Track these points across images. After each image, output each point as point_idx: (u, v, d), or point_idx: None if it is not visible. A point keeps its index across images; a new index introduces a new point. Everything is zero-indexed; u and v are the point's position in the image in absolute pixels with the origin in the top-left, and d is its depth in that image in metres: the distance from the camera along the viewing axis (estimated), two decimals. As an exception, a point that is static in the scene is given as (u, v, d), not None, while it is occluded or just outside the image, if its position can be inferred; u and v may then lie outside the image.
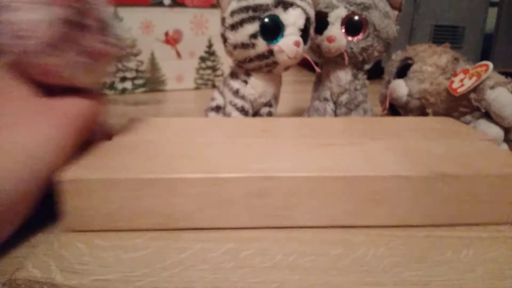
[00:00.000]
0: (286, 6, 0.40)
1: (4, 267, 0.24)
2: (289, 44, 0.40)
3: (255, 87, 0.44)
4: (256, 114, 0.46)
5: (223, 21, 0.41)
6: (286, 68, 0.44)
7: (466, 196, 0.28)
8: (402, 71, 0.51)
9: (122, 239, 0.26)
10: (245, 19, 0.39)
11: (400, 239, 0.27)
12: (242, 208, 0.28)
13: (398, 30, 0.47)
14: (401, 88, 0.50)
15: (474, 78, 0.41)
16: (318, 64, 0.48)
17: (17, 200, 0.24)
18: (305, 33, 0.41)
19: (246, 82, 0.44)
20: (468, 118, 0.43)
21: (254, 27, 0.39)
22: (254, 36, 0.40)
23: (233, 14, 0.40)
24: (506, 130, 0.41)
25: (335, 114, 0.49)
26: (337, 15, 0.45)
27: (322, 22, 0.45)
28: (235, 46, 0.41)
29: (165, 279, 0.23)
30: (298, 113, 0.61)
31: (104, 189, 0.26)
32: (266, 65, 0.42)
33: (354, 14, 0.44)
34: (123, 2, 0.73)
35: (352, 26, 0.45)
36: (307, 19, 0.41)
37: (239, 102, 0.44)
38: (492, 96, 0.40)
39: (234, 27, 0.40)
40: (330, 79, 0.48)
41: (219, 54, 0.85)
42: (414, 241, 0.27)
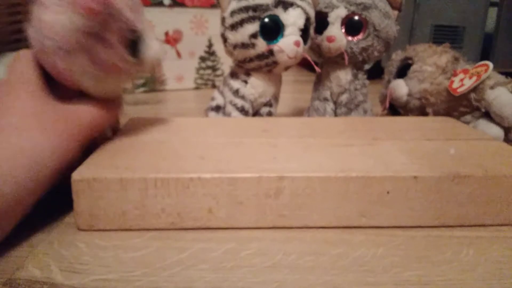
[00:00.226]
0: (286, 6, 0.39)
1: (4, 267, 0.24)
2: (289, 44, 0.40)
3: (255, 87, 0.44)
4: (256, 114, 0.46)
5: (223, 21, 0.41)
6: (286, 68, 0.44)
7: (479, 196, 0.28)
8: (402, 71, 0.51)
9: (122, 239, 0.26)
10: (245, 19, 0.39)
11: (400, 239, 0.27)
12: (253, 208, 0.28)
13: (398, 30, 0.47)
14: (401, 88, 0.50)
15: (474, 78, 0.41)
16: (318, 64, 0.48)
17: (13, 203, 0.24)
18: (305, 33, 0.41)
19: (246, 82, 0.44)
20: (468, 118, 0.43)
21: (254, 27, 0.39)
22: (254, 36, 0.40)
23: (233, 14, 0.40)
24: (506, 130, 0.41)
25: (335, 114, 0.49)
26: (337, 15, 0.45)
27: (322, 22, 0.45)
28: (235, 46, 0.41)
29: (165, 279, 0.23)
30: (298, 113, 0.61)
31: (117, 188, 0.26)
32: (266, 65, 0.42)
33: (354, 14, 0.44)
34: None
35: (352, 26, 0.45)
36: (307, 19, 0.41)
37: (239, 102, 0.44)
38: (492, 96, 0.40)
39: (234, 27, 0.40)
40: (330, 79, 0.48)
41: (219, 54, 0.85)
42: (414, 241, 0.27)
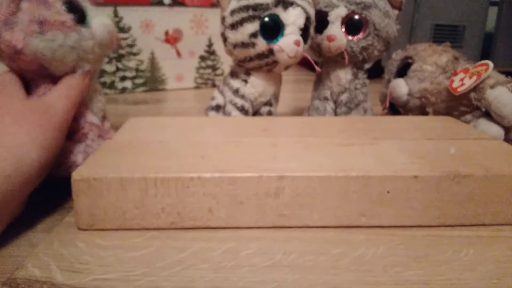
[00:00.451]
0: (286, 5, 0.39)
1: (4, 266, 0.24)
2: (289, 43, 0.40)
3: (255, 86, 0.44)
4: (256, 113, 0.46)
5: (223, 20, 0.41)
6: (286, 67, 0.43)
7: (479, 196, 0.28)
8: (402, 70, 0.51)
9: (122, 239, 0.26)
10: (245, 18, 0.39)
11: (400, 239, 0.27)
12: (253, 207, 0.28)
13: (398, 29, 0.46)
14: (401, 87, 0.50)
15: (474, 78, 0.41)
16: (318, 63, 0.48)
17: (4, 199, 0.24)
18: (305, 32, 0.41)
19: (246, 81, 0.44)
20: (468, 117, 0.43)
21: (254, 26, 0.39)
22: (254, 35, 0.40)
23: (233, 13, 0.40)
24: (506, 130, 0.40)
25: (335, 113, 0.49)
26: (337, 14, 0.44)
27: (322, 21, 0.45)
28: (235, 45, 0.41)
29: (165, 279, 0.23)
30: (298, 112, 0.61)
31: (117, 188, 0.26)
32: (266, 64, 0.42)
33: (354, 13, 0.44)
34: (123, 1, 0.73)
35: (352, 25, 0.45)
36: (307, 18, 0.41)
37: (239, 101, 0.43)
38: (492, 95, 0.40)
39: (234, 26, 0.40)
40: (330, 78, 0.48)
41: (219, 53, 0.85)
42: (414, 240, 0.27)
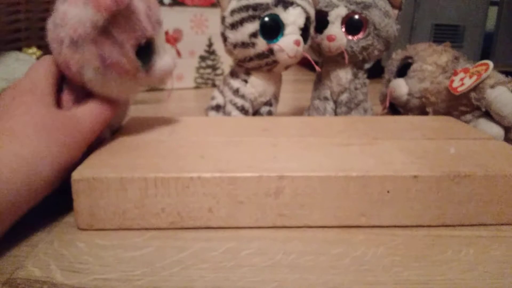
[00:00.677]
0: (286, 5, 0.39)
1: (4, 266, 0.24)
2: (289, 43, 0.40)
3: (255, 86, 0.44)
4: (256, 113, 0.46)
5: (223, 20, 0.41)
6: (286, 67, 0.43)
7: (479, 196, 0.28)
8: (402, 70, 0.51)
9: (122, 238, 0.26)
10: (245, 18, 0.39)
11: (400, 239, 0.27)
12: (253, 207, 0.28)
13: (398, 29, 0.46)
14: (401, 87, 0.50)
15: (475, 77, 0.41)
16: (318, 63, 0.48)
17: (8, 209, 0.24)
18: (305, 32, 0.41)
19: (246, 81, 0.44)
20: (468, 117, 0.43)
21: (254, 26, 0.39)
22: (254, 35, 0.40)
23: (233, 13, 0.40)
24: (506, 129, 0.40)
25: (335, 113, 0.49)
26: (337, 14, 0.44)
27: (322, 21, 0.45)
28: (235, 45, 0.41)
29: (165, 278, 0.23)
30: (298, 112, 0.61)
31: (117, 188, 0.26)
32: (266, 64, 0.42)
33: (354, 13, 0.44)
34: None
35: (352, 25, 0.45)
36: (307, 18, 0.41)
37: (239, 101, 0.43)
38: (492, 95, 0.40)
39: (234, 26, 0.40)
40: (330, 78, 0.48)
41: (219, 53, 0.85)
42: (414, 240, 0.27)
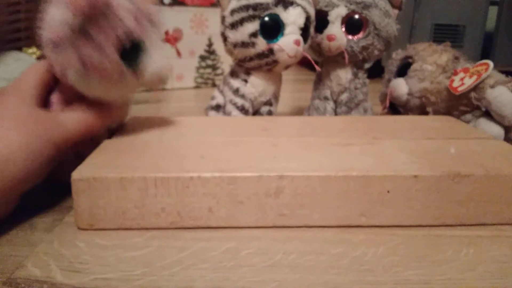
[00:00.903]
0: (286, 5, 0.39)
1: (4, 266, 0.24)
2: (289, 43, 0.40)
3: (255, 86, 0.44)
4: (256, 113, 0.46)
5: (223, 20, 0.41)
6: (286, 67, 0.43)
7: (479, 196, 0.28)
8: (403, 70, 0.51)
9: (122, 238, 0.26)
10: (245, 18, 0.39)
11: (400, 238, 0.27)
12: (253, 207, 0.27)
13: (398, 29, 0.46)
14: (401, 87, 0.50)
15: (475, 77, 0.41)
16: (318, 63, 0.48)
17: None
18: (305, 32, 0.41)
19: (246, 81, 0.44)
20: (468, 117, 0.43)
21: (254, 26, 0.39)
22: (254, 35, 0.40)
23: (233, 13, 0.40)
24: (506, 129, 0.40)
25: (335, 113, 0.49)
26: (337, 14, 0.44)
27: (322, 20, 0.45)
28: (235, 45, 0.41)
29: (165, 278, 0.23)
30: (298, 112, 0.61)
31: (117, 187, 0.26)
32: (266, 64, 0.42)
33: (354, 13, 0.44)
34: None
35: (352, 25, 0.45)
36: (307, 18, 0.41)
37: (239, 101, 0.43)
38: (492, 95, 0.40)
39: (234, 26, 0.40)
40: (330, 78, 0.48)
41: (219, 53, 0.85)
42: (414, 240, 0.27)
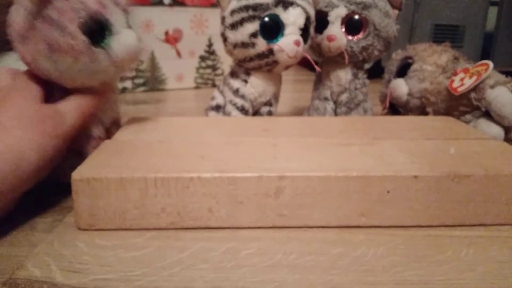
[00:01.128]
0: (286, 5, 0.39)
1: (4, 267, 0.24)
2: (289, 43, 0.40)
3: (255, 86, 0.44)
4: (256, 113, 0.46)
5: (223, 20, 0.41)
6: (286, 67, 0.43)
7: (479, 196, 0.28)
8: (402, 70, 0.51)
9: (122, 238, 0.26)
10: (245, 18, 0.39)
11: (400, 239, 0.27)
12: (253, 207, 0.27)
13: (398, 29, 0.46)
14: (401, 87, 0.50)
15: (474, 77, 0.41)
16: (318, 63, 0.48)
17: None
18: (305, 32, 0.41)
19: (246, 81, 0.44)
20: (468, 117, 0.43)
21: (254, 26, 0.39)
22: (254, 35, 0.40)
23: (233, 13, 0.40)
24: (506, 129, 0.40)
25: (335, 113, 0.49)
26: (337, 14, 0.44)
27: (322, 21, 0.45)
28: (235, 45, 0.41)
29: (165, 278, 0.23)
30: (298, 112, 0.61)
31: (117, 188, 0.26)
32: (266, 64, 0.42)
33: (354, 13, 0.44)
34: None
35: (352, 25, 0.45)
36: (307, 18, 0.41)
37: (239, 101, 0.43)
38: (492, 95, 0.40)
39: (234, 26, 0.40)
40: (330, 78, 0.48)
41: (219, 53, 0.85)
42: (414, 240, 0.27)
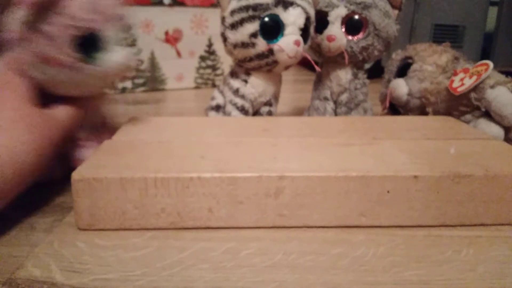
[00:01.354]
0: (286, 5, 0.39)
1: (4, 267, 0.24)
2: (289, 43, 0.40)
3: (255, 87, 0.44)
4: (256, 113, 0.46)
5: (223, 20, 0.41)
6: (286, 67, 0.43)
7: (479, 196, 0.28)
8: (402, 70, 0.51)
9: (122, 239, 0.26)
10: (245, 18, 0.39)
11: (400, 239, 0.27)
12: (253, 207, 0.27)
13: (398, 29, 0.46)
14: (401, 87, 0.50)
15: (474, 77, 0.41)
16: (318, 63, 0.48)
17: None
18: (305, 32, 0.41)
19: (246, 81, 0.44)
20: (468, 117, 0.43)
21: (254, 26, 0.39)
22: (254, 35, 0.40)
23: (233, 13, 0.40)
24: (506, 129, 0.40)
25: (335, 113, 0.49)
26: (337, 14, 0.44)
27: (322, 21, 0.45)
28: (235, 46, 0.41)
29: (165, 279, 0.23)
30: (298, 112, 0.61)
31: (117, 188, 0.26)
32: (266, 64, 0.42)
33: (354, 13, 0.44)
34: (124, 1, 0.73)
35: (352, 25, 0.45)
36: (307, 18, 0.41)
37: (239, 101, 0.43)
38: (492, 95, 0.40)
39: (234, 26, 0.40)
40: (330, 78, 0.48)
41: (219, 53, 0.85)
42: (414, 240, 0.27)
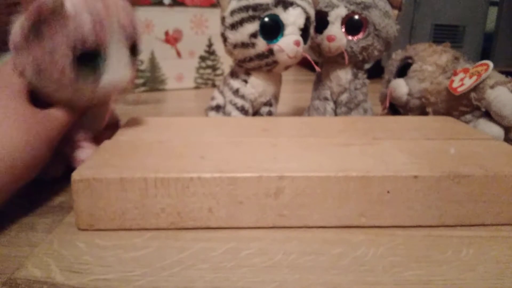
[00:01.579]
0: (286, 5, 0.39)
1: (4, 266, 0.24)
2: (289, 43, 0.40)
3: (255, 87, 0.44)
4: (256, 113, 0.46)
5: (223, 20, 0.41)
6: (286, 67, 0.43)
7: (479, 196, 0.28)
8: (402, 71, 0.51)
9: (122, 239, 0.26)
10: (245, 19, 0.39)
11: (400, 239, 0.27)
12: (253, 207, 0.27)
13: (398, 30, 0.46)
14: (401, 87, 0.50)
15: (474, 78, 0.41)
16: (318, 63, 0.48)
17: None
18: (305, 32, 0.41)
19: (246, 81, 0.44)
20: (468, 117, 0.43)
21: (254, 27, 0.39)
22: (254, 35, 0.40)
23: (233, 13, 0.40)
24: (506, 129, 0.40)
25: (335, 113, 0.49)
26: (337, 15, 0.44)
27: (322, 21, 0.45)
28: (235, 46, 0.41)
29: (165, 279, 0.23)
30: (298, 112, 0.61)
31: (117, 188, 0.26)
32: (266, 64, 0.42)
33: (354, 13, 0.44)
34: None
35: (352, 26, 0.45)
36: (307, 19, 0.41)
37: (239, 102, 0.43)
38: (492, 95, 0.40)
39: (234, 27, 0.40)
40: (330, 79, 0.48)
41: (219, 54, 0.85)
42: (414, 240, 0.27)
